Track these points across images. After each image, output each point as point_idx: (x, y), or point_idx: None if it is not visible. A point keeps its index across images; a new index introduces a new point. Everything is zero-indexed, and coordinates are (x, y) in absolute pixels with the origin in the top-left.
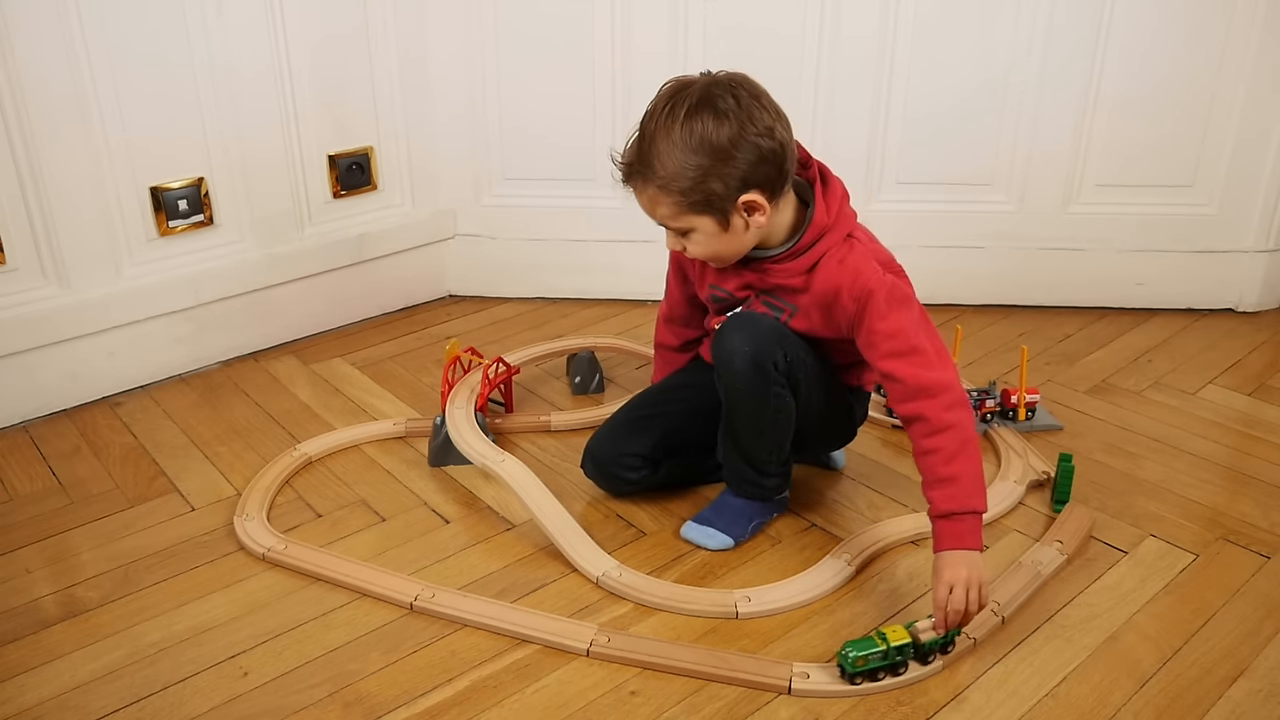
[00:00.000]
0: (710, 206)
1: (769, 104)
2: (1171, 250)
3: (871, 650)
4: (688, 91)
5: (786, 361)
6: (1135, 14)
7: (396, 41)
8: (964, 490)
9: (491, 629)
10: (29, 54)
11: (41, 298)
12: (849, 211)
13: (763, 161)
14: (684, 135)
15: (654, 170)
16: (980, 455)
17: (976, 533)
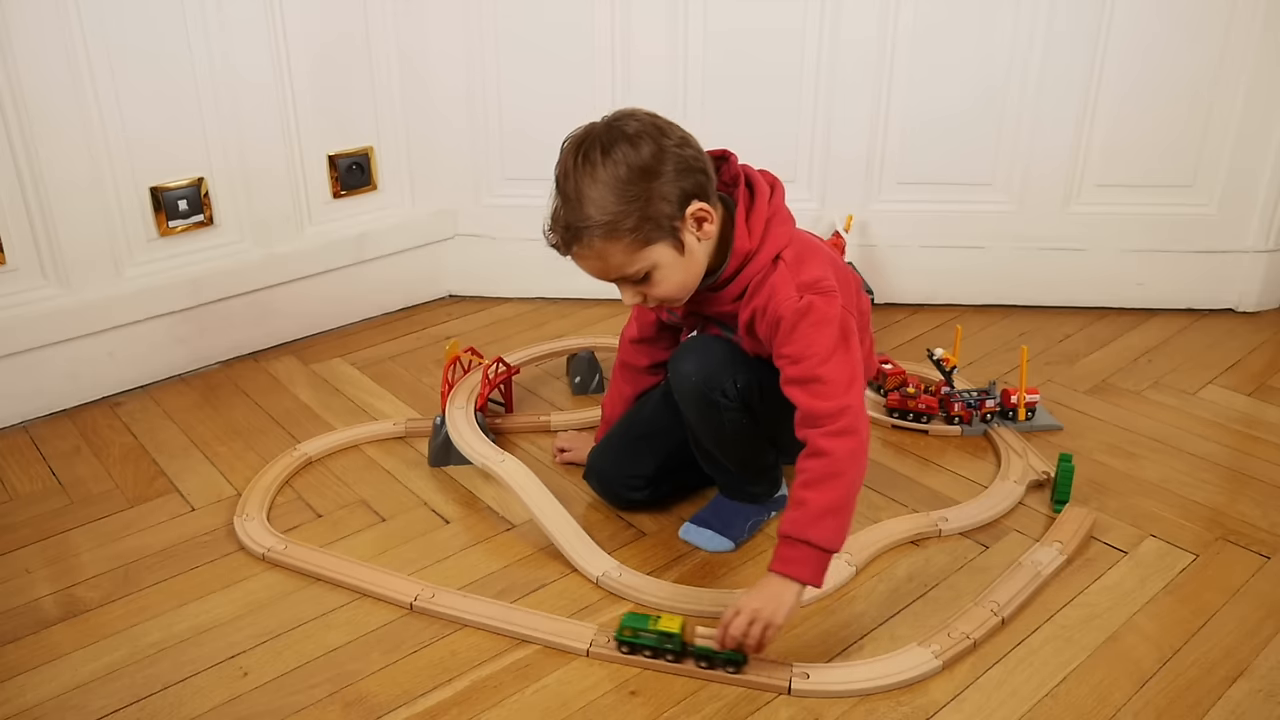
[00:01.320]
0: (662, 231)
1: (663, 119)
2: (1171, 250)
3: (641, 627)
4: (592, 136)
5: (737, 387)
6: (1136, 14)
7: (396, 42)
8: (807, 517)
9: (491, 629)
10: (29, 54)
11: (41, 298)
12: (778, 232)
13: (690, 170)
14: (609, 174)
15: (594, 221)
16: (848, 494)
17: (809, 565)
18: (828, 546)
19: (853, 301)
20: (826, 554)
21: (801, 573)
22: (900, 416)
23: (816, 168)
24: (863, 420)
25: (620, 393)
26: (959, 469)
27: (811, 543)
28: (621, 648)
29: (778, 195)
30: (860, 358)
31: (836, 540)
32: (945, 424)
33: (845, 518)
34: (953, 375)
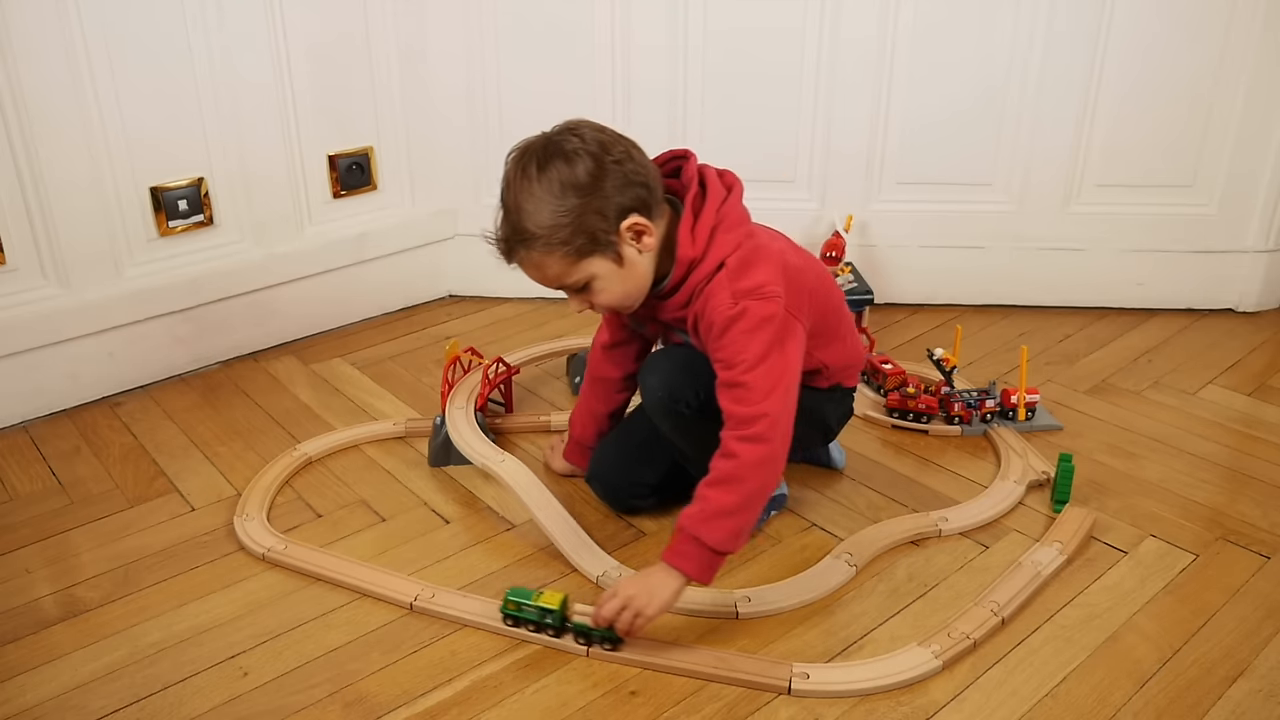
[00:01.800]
0: (598, 245)
1: (607, 131)
2: (1171, 250)
3: (524, 601)
4: (531, 150)
5: (699, 399)
6: (1136, 14)
7: (396, 41)
8: (702, 515)
9: (491, 629)
10: (29, 54)
11: (41, 298)
12: (724, 239)
13: (630, 184)
14: (545, 187)
15: (530, 233)
16: (747, 500)
17: (695, 561)
18: (716, 547)
19: (803, 304)
20: (715, 554)
21: (687, 567)
22: (900, 416)
23: (816, 167)
24: (778, 430)
25: (591, 409)
26: (959, 469)
27: (701, 540)
28: (506, 621)
29: (732, 198)
30: (794, 364)
31: (727, 543)
32: (945, 424)
33: (741, 521)
34: (953, 375)
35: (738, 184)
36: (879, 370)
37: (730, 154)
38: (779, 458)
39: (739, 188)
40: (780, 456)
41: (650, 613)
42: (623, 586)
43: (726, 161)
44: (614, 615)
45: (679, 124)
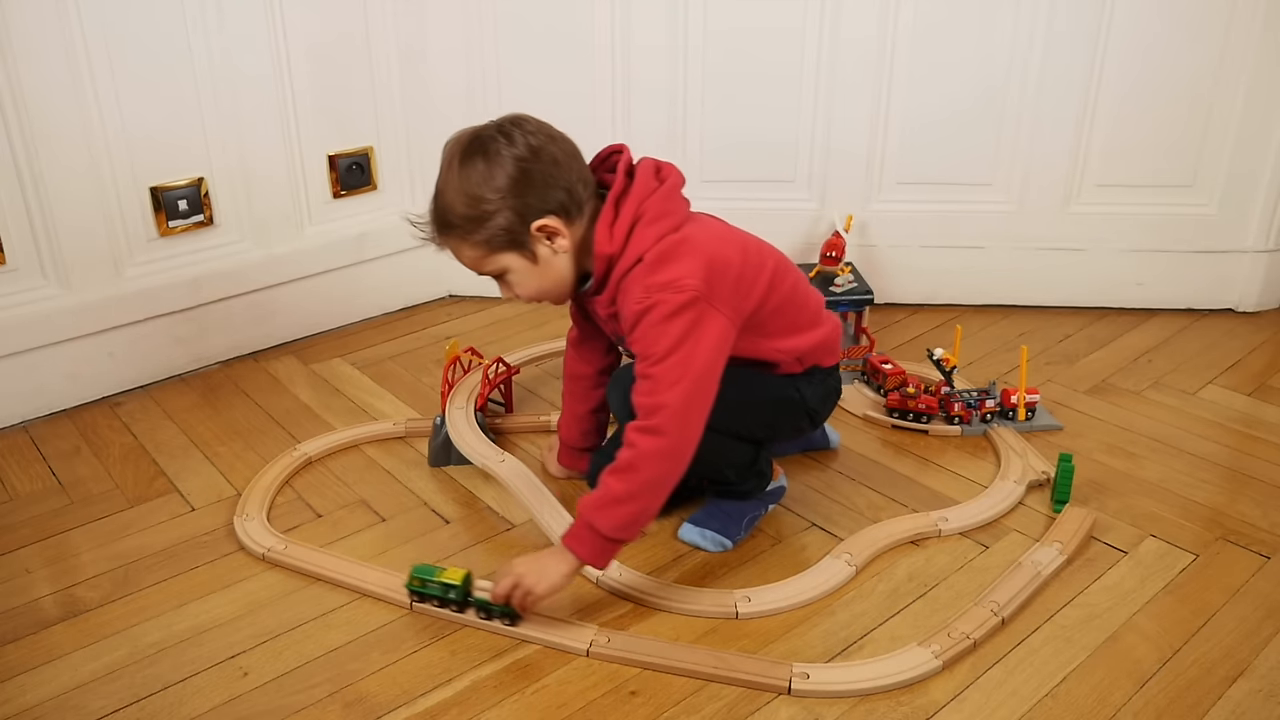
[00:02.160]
0: (510, 242)
1: (540, 130)
2: (1171, 250)
3: (428, 577)
4: (461, 141)
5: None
6: (1136, 14)
7: (396, 41)
8: (599, 501)
9: (491, 629)
10: (29, 54)
11: (41, 298)
12: (644, 234)
13: (549, 187)
14: (462, 181)
15: (449, 223)
16: (641, 489)
17: (589, 546)
18: (608, 534)
19: (729, 298)
20: (609, 540)
21: (581, 551)
22: (900, 416)
23: (816, 167)
24: (678, 423)
25: (572, 410)
26: (959, 469)
27: (595, 526)
28: (412, 597)
29: (662, 191)
30: (707, 358)
31: (619, 530)
32: (945, 424)
33: (634, 510)
34: (953, 375)
35: (674, 177)
36: (879, 370)
37: (730, 154)
38: (678, 451)
39: (674, 180)
40: (680, 450)
41: (539, 592)
42: (517, 565)
43: (726, 162)
44: (506, 593)
45: (679, 123)
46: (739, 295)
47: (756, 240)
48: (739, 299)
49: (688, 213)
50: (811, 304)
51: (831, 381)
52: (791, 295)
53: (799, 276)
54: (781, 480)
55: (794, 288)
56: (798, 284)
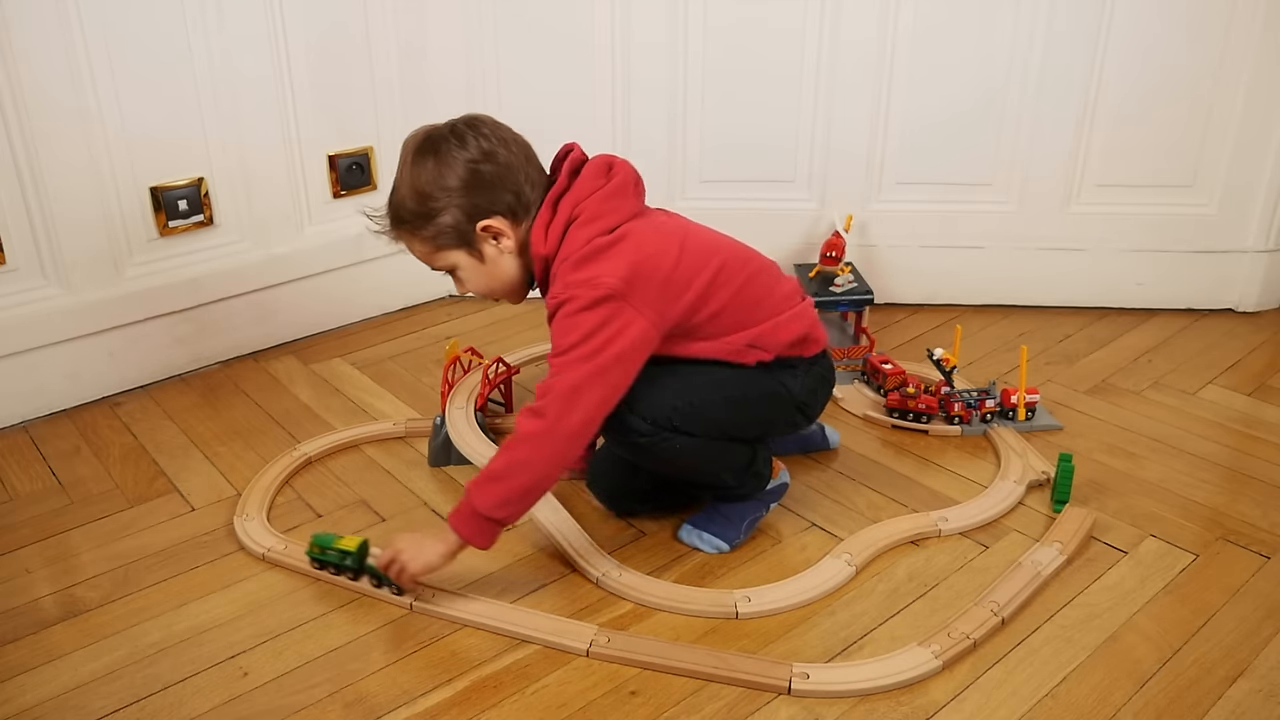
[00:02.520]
0: (457, 240)
1: (494, 133)
2: (1171, 250)
3: (327, 545)
4: (418, 138)
5: (648, 423)
6: (1136, 14)
7: (396, 39)
8: (480, 477)
9: (491, 629)
10: (29, 54)
11: (41, 298)
12: (577, 234)
13: (485, 187)
14: (413, 179)
15: (401, 218)
16: (516, 468)
17: (466, 522)
18: (483, 511)
19: (655, 298)
20: (484, 519)
21: (460, 528)
22: (900, 416)
23: (816, 168)
24: (556, 409)
25: None
26: (959, 469)
27: (473, 502)
28: (313, 564)
29: (601, 193)
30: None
31: (494, 509)
32: (945, 424)
33: (507, 490)
34: (953, 375)
35: (623, 174)
36: (879, 370)
37: (730, 154)
38: (552, 436)
39: (623, 178)
40: (555, 435)
41: (413, 569)
42: (399, 539)
43: (726, 162)
44: (386, 565)
45: (678, 121)
46: (666, 298)
47: (708, 239)
48: (665, 302)
49: (634, 211)
50: (774, 296)
51: (817, 371)
52: (743, 291)
53: (759, 270)
54: (783, 477)
55: (747, 283)
56: (754, 279)
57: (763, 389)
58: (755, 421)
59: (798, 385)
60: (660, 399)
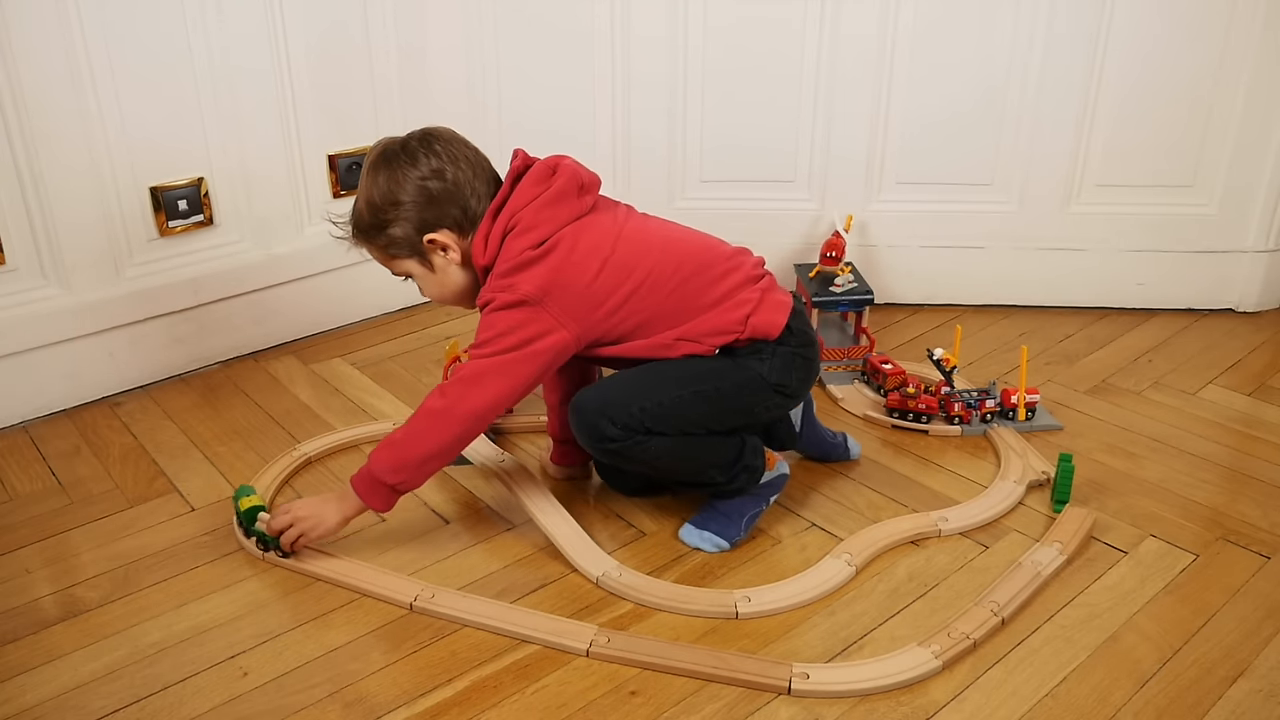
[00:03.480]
0: (409, 250)
1: (446, 150)
2: (1171, 250)
3: (237, 498)
4: (374, 152)
5: (618, 426)
6: (1136, 14)
7: (396, 41)
8: (381, 446)
9: (491, 629)
10: (29, 54)
11: (41, 298)
12: (513, 244)
13: (434, 202)
14: (367, 190)
15: (358, 225)
16: (411, 436)
17: (366, 484)
18: (378, 473)
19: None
20: (378, 480)
21: (358, 487)
22: (900, 416)
23: (816, 167)
24: (455, 391)
25: (549, 404)
26: (959, 469)
27: (371, 463)
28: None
29: (539, 201)
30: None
31: (387, 473)
32: (945, 424)
33: (403, 456)
34: (953, 375)
35: (563, 178)
36: (879, 370)
37: (730, 154)
38: (447, 415)
39: (562, 183)
40: (449, 416)
41: (314, 536)
42: (297, 506)
43: (726, 162)
44: (280, 530)
45: (678, 120)
46: (583, 307)
47: (641, 245)
48: (583, 310)
49: (572, 215)
50: (713, 293)
51: (785, 351)
52: (671, 297)
53: (695, 272)
54: (780, 468)
55: (678, 288)
56: (686, 283)
57: (733, 379)
58: (733, 412)
59: (766, 368)
60: (628, 402)
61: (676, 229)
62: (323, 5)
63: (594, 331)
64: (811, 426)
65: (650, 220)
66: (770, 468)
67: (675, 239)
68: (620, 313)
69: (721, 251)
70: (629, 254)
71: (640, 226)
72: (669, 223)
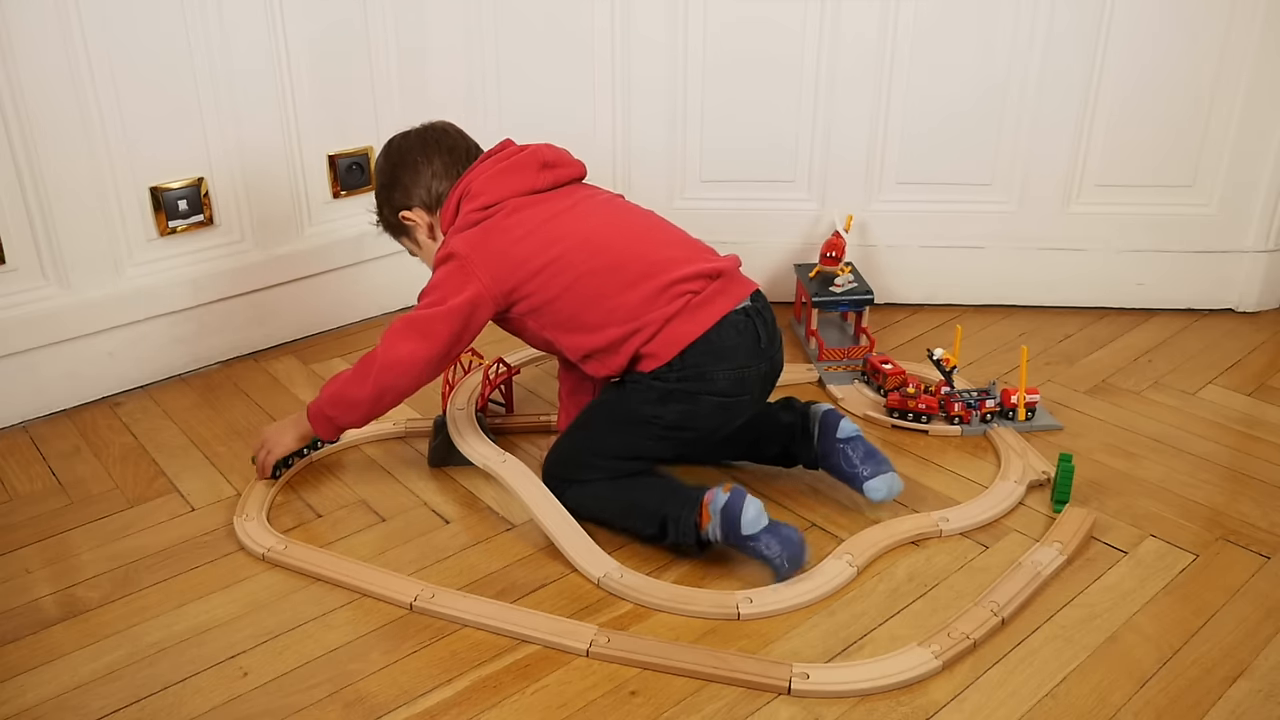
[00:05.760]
0: (397, 228)
1: (422, 136)
2: (1171, 250)
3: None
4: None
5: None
6: (1136, 14)
7: (396, 40)
8: (330, 381)
9: (491, 629)
10: (29, 54)
11: (41, 298)
12: (466, 208)
13: (399, 187)
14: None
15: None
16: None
17: (314, 413)
18: (320, 401)
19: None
20: (320, 409)
21: (309, 414)
22: (900, 416)
23: (816, 167)
24: (384, 343)
25: (561, 399)
26: (959, 469)
27: (320, 393)
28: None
29: (491, 171)
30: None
31: (326, 404)
32: (945, 424)
33: (338, 392)
34: (953, 375)
35: (524, 154)
36: (879, 370)
37: (730, 154)
38: (375, 366)
39: (521, 157)
40: (377, 366)
41: (274, 453)
42: (265, 428)
43: (727, 162)
44: (254, 452)
45: (678, 120)
46: (504, 266)
47: (573, 223)
48: (503, 271)
49: (525, 188)
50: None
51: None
52: (578, 284)
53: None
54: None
55: (585, 277)
56: (595, 275)
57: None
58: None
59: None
60: (554, 455)
61: (630, 223)
62: (322, 5)
63: (508, 291)
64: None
65: (608, 209)
66: (706, 522)
67: (610, 231)
68: (533, 282)
69: (653, 257)
70: (556, 230)
71: (587, 211)
72: (632, 216)
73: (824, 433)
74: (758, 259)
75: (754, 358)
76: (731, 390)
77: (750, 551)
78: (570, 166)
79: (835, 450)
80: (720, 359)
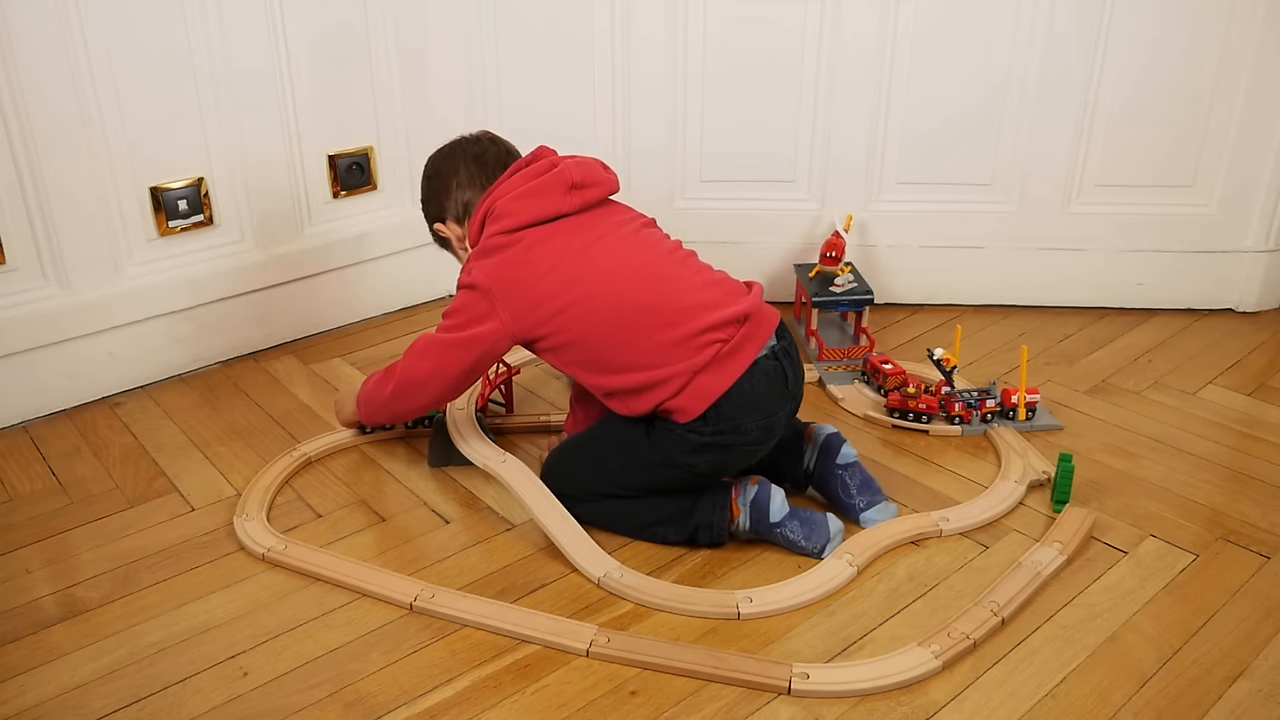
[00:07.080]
0: (437, 239)
1: (452, 150)
2: (1171, 250)
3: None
4: None
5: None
6: (1136, 14)
7: (396, 40)
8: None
9: (491, 629)
10: (29, 54)
11: (41, 298)
12: (489, 229)
13: (432, 199)
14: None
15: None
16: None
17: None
18: (360, 391)
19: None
20: (360, 401)
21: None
22: (900, 416)
23: (816, 167)
24: (403, 362)
25: (571, 402)
26: (959, 469)
27: (362, 383)
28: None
29: (518, 192)
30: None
31: (362, 400)
32: (945, 424)
33: (369, 392)
34: (953, 375)
35: (553, 175)
36: (879, 370)
37: (730, 154)
38: (392, 382)
39: (549, 178)
40: (394, 383)
41: (340, 419)
42: (341, 390)
43: (727, 162)
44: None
45: (679, 120)
46: (525, 303)
47: (597, 261)
48: (524, 306)
49: (552, 212)
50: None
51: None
52: (597, 330)
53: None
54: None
55: (605, 323)
56: (613, 323)
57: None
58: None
59: (666, 440)
60: (565, 468)
61: (657, 261)
62: (323, 6)
63: (528, 329)
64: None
65: (635, 243)
66: (736, 517)
67: (636, 270)
68: (554, 321)
69: (682, 302)
70: (580, 269)
71: (613, 244)
72: (659, 251)
73: (824, 455)
74: (758, 259)
75: (782, 400)
76: (762, 439)
77: (778, 538)
78: (600, 185)
79: (833, 475)
80: (752, 411)
